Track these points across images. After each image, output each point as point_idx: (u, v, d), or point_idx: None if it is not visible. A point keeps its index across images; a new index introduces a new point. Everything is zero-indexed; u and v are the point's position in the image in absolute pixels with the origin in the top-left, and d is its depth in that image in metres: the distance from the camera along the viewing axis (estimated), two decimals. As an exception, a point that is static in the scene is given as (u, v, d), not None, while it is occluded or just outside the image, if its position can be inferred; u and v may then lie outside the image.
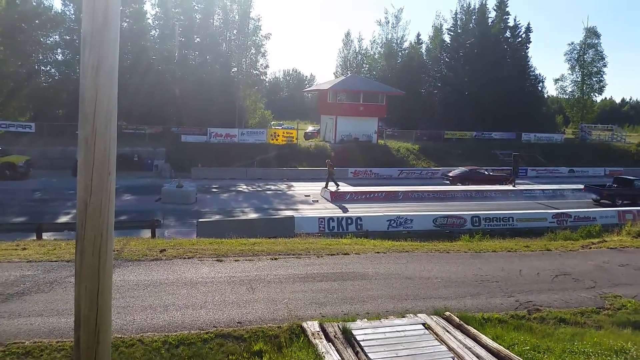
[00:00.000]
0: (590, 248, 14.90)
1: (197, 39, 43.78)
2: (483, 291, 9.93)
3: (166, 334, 7.18)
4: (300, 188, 28.28)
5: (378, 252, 12.80)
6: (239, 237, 13.86)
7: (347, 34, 66.81)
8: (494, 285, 10.30)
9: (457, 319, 7.96)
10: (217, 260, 10.89)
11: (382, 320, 7.94)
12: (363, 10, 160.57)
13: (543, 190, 27.97)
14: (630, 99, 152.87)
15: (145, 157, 31.98)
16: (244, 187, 29.07)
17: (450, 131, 46.55)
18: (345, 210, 22.38)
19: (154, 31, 43.88)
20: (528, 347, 7.32)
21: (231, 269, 10.43)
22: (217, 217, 20.17)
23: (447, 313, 8.27)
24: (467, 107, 50.54)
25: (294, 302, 8.66)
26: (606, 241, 16.02)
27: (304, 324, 7.58)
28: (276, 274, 10.22)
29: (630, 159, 44.09)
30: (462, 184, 29.73)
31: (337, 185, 25.84)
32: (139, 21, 40.84)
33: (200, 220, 17.19)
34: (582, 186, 27.48)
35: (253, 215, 21.26)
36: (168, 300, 8.43)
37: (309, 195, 25.83)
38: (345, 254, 12.20)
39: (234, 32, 43.69)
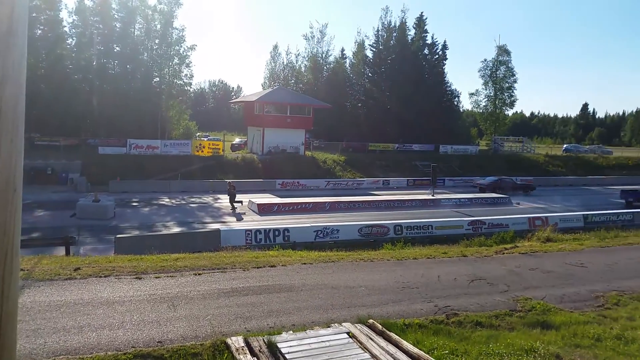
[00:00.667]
0: (504, 253, 15.89)
1: (117, 48, 42.22)
2: (405, 297, 10.28)
3: (81, 356, 6.74)
4: (227, 201, 27.87)
5: (305, 264, 12.87)
6: (160, 253, 13.37)
7: (275, 47, 67.39)
8: (415, 292, 10.70)
9: (380, 326, 8.17)
10: (136, 278, 10.42)
11: (307, 331, 7.98)
12: (291, 24, 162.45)
13: (459, 199, 29.54)
14: (539, 113, 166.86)
15: (60, 170, 30.14)
16: (167, 200, 28.12)
17: (374, 143, 48.04)
18: (272, 222, 22.32)
19: (71, 39, 41.81)
20: (446, 351, 7.64)
21: (151, 286, 10.02)
22: (137, 232, 19.33)
23: (371, 321, 8.45)
24: (389, 120, 52.45)
25: (218, 318, 8.47)
26: (518, 247, 17.14)
27: (228, 340, 7.43)
28: (200, 290, 9.96)
29: (538, 168, 47.73)
30: (493, 192, 32.69)
31: (234, 209, 25.45)
32: (54, 29, 38.60)
33: (118, 236, 16.39)
34: (501, 195, 29.55)
35: (176, 230, 20.61)
36: (83, 321, 7.93)
37: (240, 203, 25.60)
38: (272, 266, 12.16)
39: (156, 41, 42.48)
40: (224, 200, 28.07)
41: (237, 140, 52.89)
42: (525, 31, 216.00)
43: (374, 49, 56.55)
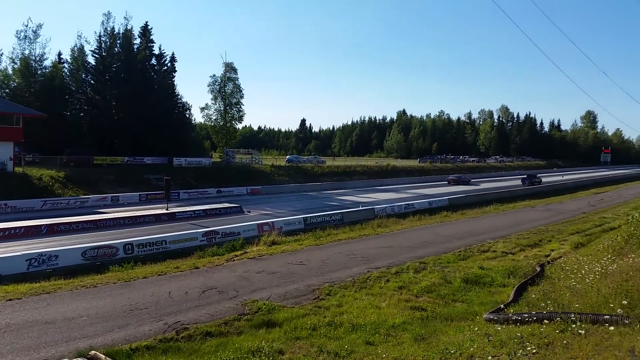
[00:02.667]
0: (234, 260, 16.58)
1: None
2: (132, 321, 9.70)
3: None
4: None
5: (11, 300, 10.93)
6: None
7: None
8: (143, 313, 10.21)
9: (104, 357, 7.51)
10: None
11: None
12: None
13: (194, 211, 29.66)
14: (265, 127, 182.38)
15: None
16: None
17: (100, 156, 44.18)
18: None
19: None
20: (175, 368, 7.51)
21: None
22: None
23: (93, 352, 7.70)
24: (117, 131, 49.00)
25: None
26: (247, 252, 18.12)
27: None
28: None
29: (266, 177, 51.61)
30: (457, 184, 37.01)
31: None
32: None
33: None
34: (233, 205, 30.75)
35: None
36: None
37: None
38: (-41, 312, 9.88)
39: None
40: None
41: None
42: (250, 52, 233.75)
43: (97, 56, 51.95)
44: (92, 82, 52.68)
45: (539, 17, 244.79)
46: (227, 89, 57.81)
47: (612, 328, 5.30)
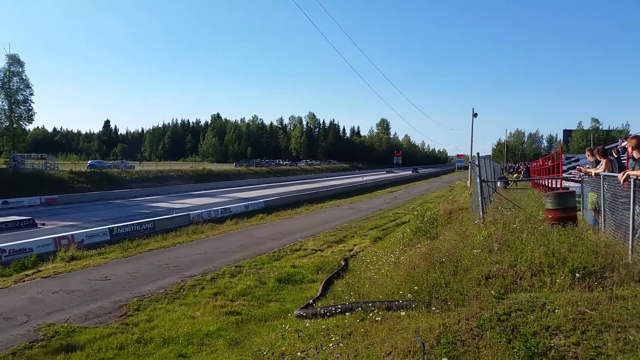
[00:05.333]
0: (24, 281, 14.49)
1: None
2: None
3: None
4: None
5: None
6: None
7: None
8: None
9: None
10: None
11: None
12: None
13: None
14: (62, 129, 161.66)
15: None
16: None
17: None
18: None
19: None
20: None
21: None
22: None
23: None
24: None
25: None
26: (41, 270, 15.97)
27: None
28: None
29: (64, 185, 46.03)
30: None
31: None
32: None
33: None
34: (24, 218, 26.51)
35: None
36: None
37: None
38: None
39: None
40: None
41: None
42: (46, 47, 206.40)
43: None
44: None
45: (341, 35, 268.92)
46: (13, 85, 49.96)
47: (403, 313, 5.90)
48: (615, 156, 9.03)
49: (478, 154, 13.61)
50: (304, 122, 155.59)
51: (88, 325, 10.39)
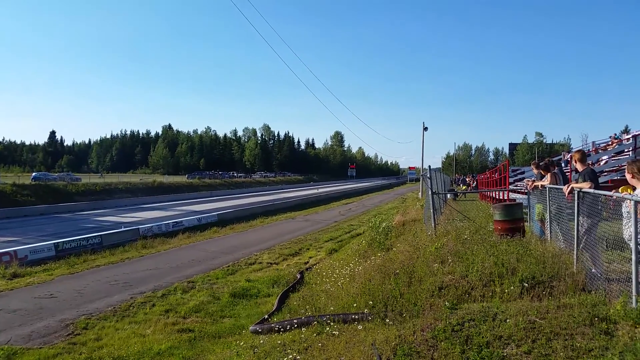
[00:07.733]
0: (-42, 303, 13.56)
1: None
2: None
3: None
4: None
5: None
6: None
7: None
8: None
9: None
10: None
11: None
12: None
13: None
14: (4, 140, 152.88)
15: None
16: None
17: None
18: None
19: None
20: None
21: None
22: None
23: None
24: None
25: None
26: (-22, 290, 15.05)
27: None
28: None
29: (7, 199, 43.56)
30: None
31: None
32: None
33: None
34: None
35: None
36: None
37: None
38: None
39: None
40: None
41: None
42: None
43: None
44: None
45: (295, 48, 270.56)
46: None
47: (360, 326, 5.95)
48: (557, 169, 9.47)
49: (430, 166, 13.97)
50: (259, 134, 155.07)
51: (32, 346, 9.85)
